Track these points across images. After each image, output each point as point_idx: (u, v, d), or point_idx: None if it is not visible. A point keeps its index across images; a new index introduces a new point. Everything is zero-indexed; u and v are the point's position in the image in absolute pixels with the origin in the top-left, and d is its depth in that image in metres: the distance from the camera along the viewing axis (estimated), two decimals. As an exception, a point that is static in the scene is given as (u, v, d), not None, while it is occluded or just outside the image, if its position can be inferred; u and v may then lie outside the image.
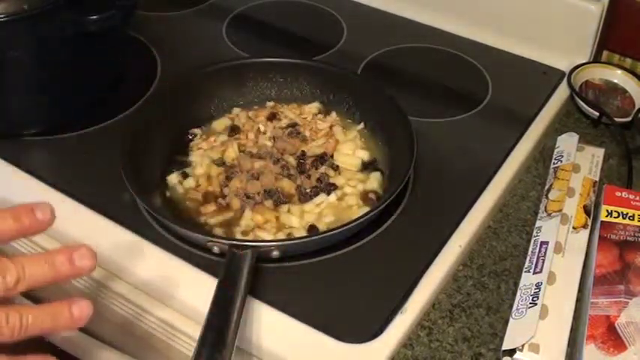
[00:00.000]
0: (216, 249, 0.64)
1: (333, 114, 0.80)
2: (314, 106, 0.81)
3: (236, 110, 0.81)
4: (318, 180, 0.72)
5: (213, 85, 0.81)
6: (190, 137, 0.78)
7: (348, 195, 0.71)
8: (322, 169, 0.73)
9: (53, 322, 0.48)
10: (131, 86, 0.86)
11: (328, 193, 0.71)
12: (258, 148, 0.76)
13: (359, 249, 0.67)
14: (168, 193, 0.72)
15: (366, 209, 0.69)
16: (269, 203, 0.70)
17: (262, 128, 0.78)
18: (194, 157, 0.75)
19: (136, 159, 0.70)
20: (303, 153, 0.75)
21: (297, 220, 0.68)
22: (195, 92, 0.79)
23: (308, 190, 0.71)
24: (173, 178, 0.73)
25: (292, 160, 0.74)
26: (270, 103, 0.82)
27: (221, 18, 1.00)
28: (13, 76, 0.75)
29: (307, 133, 0.77)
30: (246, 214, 0.69)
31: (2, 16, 0.69)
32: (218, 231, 0.68)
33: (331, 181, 0.72)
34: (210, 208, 0.70)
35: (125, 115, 0.81)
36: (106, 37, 0.79)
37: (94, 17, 0.75)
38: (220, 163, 0.74)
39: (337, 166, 0.74)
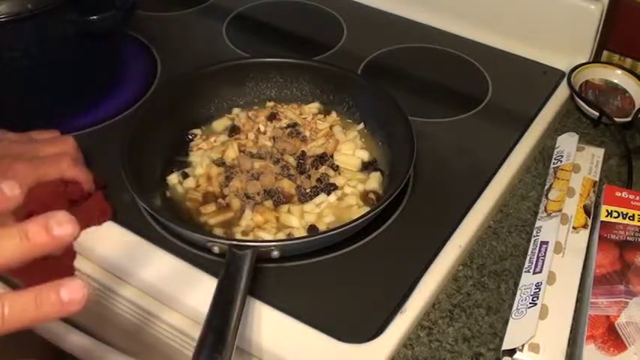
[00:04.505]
0: (216, 249, 0.64)
1: (333, 114, 0.80)
2: (314, 106, 0.81)
3: (236, 110, 0.81)
4: (318, 180, 0.72)
5: (214, 85, 0.81)
6: (190, 137, 0.78)
7: (348, 195, 0.71)
8: (322, 169, 0.73)
9: (37, 311, 0.38)
10: (131, 86, 0.86)
11: (328, 193, 0.71)
12: (258, 148, 0.76)
13: (359, 249, 0.67)
14: (168, 193, 0.72)
15: (366, 209, 0.69)
16: (269, 203, 0.70)
17: (262, 128, 0.78)
18: (194, 157, 0.75)
19: (136, 159, 0.69)
20: (303, 153, 0.75)
21: (297, 220, 0.68)
22: (195, 92, 0.80)
23: (308, 191, 0.71)
24: (173, 179, 0.73)
25: (292, 160, 0.74)
26: (270, 104, 0.82)
27: (221, 18, 1.00)
28: (13, 75, 0.75)
29: (307, 133, 0.77)
30: (247, 214, 0.69)
31: (4, 16, 0.69)
32: (218, 231, 0.68)
33: (331, 181, 0.72)
34: (210, 208, 0.70)
35: (125, 115, 0.81)
36: (106, 37, 0.79)
37: (94, 17, 0.75)
38: (220, 163, 0.74)
39: (337, 166, 0.74)
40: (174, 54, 0.92)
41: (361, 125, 0.79)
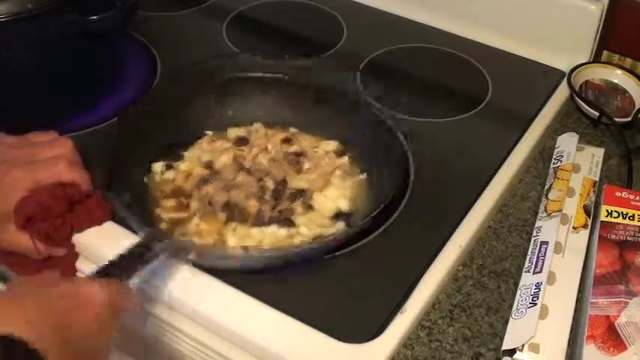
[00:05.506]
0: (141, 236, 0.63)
1: (345, 158, 0.76)
2: (331, 144, 0.78)
3: (257, 125, 0.79)
4: (280, 212, 0.70)
5: (244, 94, 0.79)
6: (200, 136, 0.78)
7: (300, 235, 0.68)
8: (296, 203, 0.71)
9: None
10: (131, 86, 0.86)
11: (280, 227, 0.68)
12: (252, 164, 0.74)
13: (359, 249, 0.67)
14: (145, 179, 0.73)
15: None
16: (222, 216, 0.69)
17: (270, 148, 0.76)
18: (190, 153, 0.76)
19: (136, 132, 0.71)
20: (284, 182, 0.72)
21: (235, 240, 0.67)
22: (223, 94, 0.79)
23: (266, 219, 0.69)
24: (157, 166, 0.74)
25: (271, 184, 0.72)
26: (294, 130, 0.79)
27: (221, 18, 1.00)
28: (13, 75, 0.75)
29: (307, 165, 0.75)
30: (194, 220, 0.68)
31: (4, 16, 0.69)
32: (164, 226, 0.68)
33: (293, 218, 0.69)
34: (170, 203, 0.70)
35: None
36: (106, 37, 0.79)
37: (94, 17, 0.75)
38: (208, 165, 0.74)
39: (311, 206, 0.71)
40: (174, 54, 0.92)
41: (364, 176, 0.75)
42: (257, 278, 0.64)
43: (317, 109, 0.79)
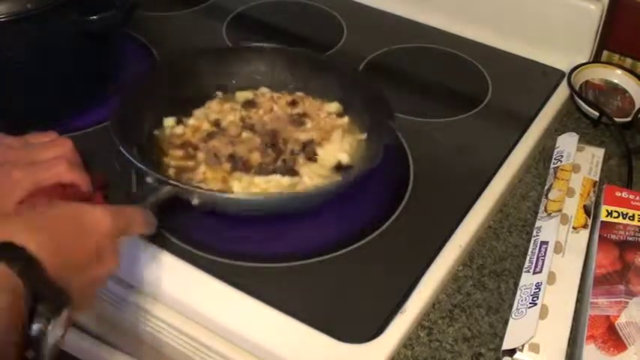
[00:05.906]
0: (149, 179, 0.65)
1: (345, 118, 0.78)
2: (333, 106, 0.80)
3: (263, 89, 0.82)
4: (283, 161, 0.72)
5: (254, 60, 0.82)
6: (212, 97, 0.80)
7: (303, 184, 0.71)
8: (299, 155, 0.73)
9: None
10: (131, 86, 0.86)
11: (283, 175, 0.71)
12: (257, 124, 0.77)
13: (359, 249, 0.67)
14: (156, 132, 0.75)
15: None
16: (227, 166, 0.71)
17: (275, 109, 0.79)
18: (199, 112, 0.78)
19: (150, 94, 0.76)
20: (287, 137, 0.75)
21: (240, 187, 0.69)
22: (230, 62, 0.82)
23: (270, 168, 0.71)
24: (169, 121, 0.76)
25: (274, 140, 0.74)
26: (300, 94, 0.81)
27: (221, 18, 1.00)
28: (13, 75, 0.75)
29: (309, 125, 0.77)
30: (201, 168, 0.71)
31: (4, 16, 0.69)
32: (171, 172, 0.70)
33: (296, 168, 0.72)
34: (178, 153, 0.73)
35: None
36: (106, 37, 0.79)
37: (94, 17, 0.75)
38: (215, 123, 0.76)
39: (313, 157, 0.73)
40: (174, 54, 0.92)
41: (364, 136, 0.76)
42: (258, 278, 0.64)
43: (322, 75, 0.81)
